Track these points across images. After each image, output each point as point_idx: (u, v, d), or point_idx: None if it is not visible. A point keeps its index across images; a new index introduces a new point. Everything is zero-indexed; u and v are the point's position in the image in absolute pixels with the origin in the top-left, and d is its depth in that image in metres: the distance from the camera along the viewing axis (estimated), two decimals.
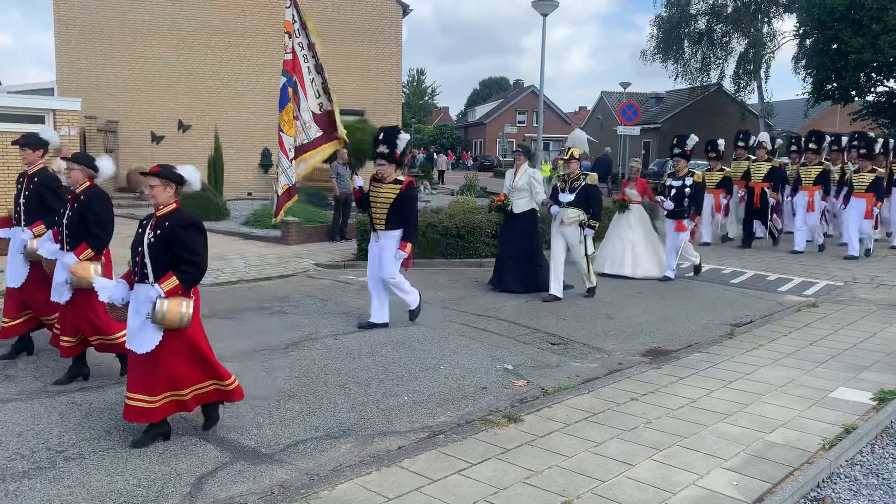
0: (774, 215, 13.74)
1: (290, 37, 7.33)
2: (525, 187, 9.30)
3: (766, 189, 13.39)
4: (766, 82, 37.80)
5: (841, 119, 39.42)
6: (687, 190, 10.37)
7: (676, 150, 10.84)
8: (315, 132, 7.46)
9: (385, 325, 7.51)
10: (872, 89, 31.93)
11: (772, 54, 37.13)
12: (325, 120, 7.58)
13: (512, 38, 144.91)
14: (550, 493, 3.89)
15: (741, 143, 14.58)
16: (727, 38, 38.13)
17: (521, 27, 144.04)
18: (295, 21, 7.47)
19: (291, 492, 3.91)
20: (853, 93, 31.59)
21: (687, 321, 8.20)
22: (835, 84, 31.56)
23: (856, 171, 12.58)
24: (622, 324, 8.02)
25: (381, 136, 7.54)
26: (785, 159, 15.39)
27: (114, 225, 5.59)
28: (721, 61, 38.70)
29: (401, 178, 7.42)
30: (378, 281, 7.48)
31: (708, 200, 13.64)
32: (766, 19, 36.83)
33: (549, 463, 4.26)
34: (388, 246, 7.33)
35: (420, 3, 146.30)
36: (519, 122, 65.75)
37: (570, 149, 9.25)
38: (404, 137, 7.50)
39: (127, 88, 22.34)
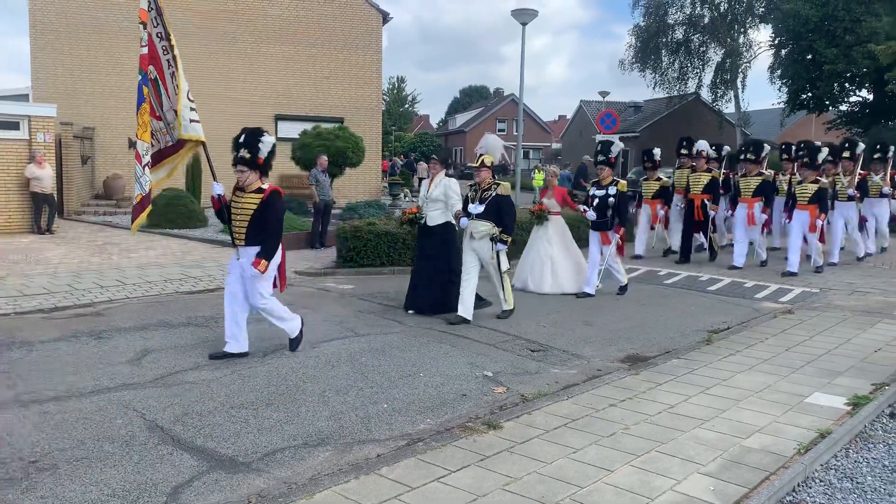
0: (713, 228, 13.11)
1: (144, 27, 6.52)
2: (440, 198, 8.45)
3: (706, 201, 12.67)
4: (742, 92, 38.29)
5: (816, 128, 39.98)
6: (611, 200, 9.60)
7: (600, 157, 9.91)
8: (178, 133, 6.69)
9: (245, 355, 6.54)
10: (846, 99, 32.46)
11: (748, 64, 37.60)
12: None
13: (492, 47, 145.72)
14: (529, 499, 3.89)
15: (684, 151, 13.79)
16: (704, 48, 38.59)
17: (500, 36, 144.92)
18: (151, 8, 6.56)
19: (269, 501, 3.88)
20: (827, 102, 32.09)
21: (665, 328, 8.25)
22: (809, 94, 32.05)
23: (799, 182, 11.78)
24: (601, 330, 8.06)
25: (241, 139, 6.54)
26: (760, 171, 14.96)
27: None
28: (698, 71, 39.16)
29: (264, 186, 6.53)
30: (239, 303, 6.55)
31: (645, 212, 13.47)
32: (742, 30, 37.33)
33: (528, 469, 4.26)
34: (248, 266, 6.40)
35: (400, 10, 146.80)
36: (499, 131, 65.95)
37: (481, 155, 8.41)
38: (268, 141, 6.54)
39: (103, 94, 22.14)
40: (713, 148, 14.03)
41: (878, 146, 14.14)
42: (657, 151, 13.34)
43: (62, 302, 8.67)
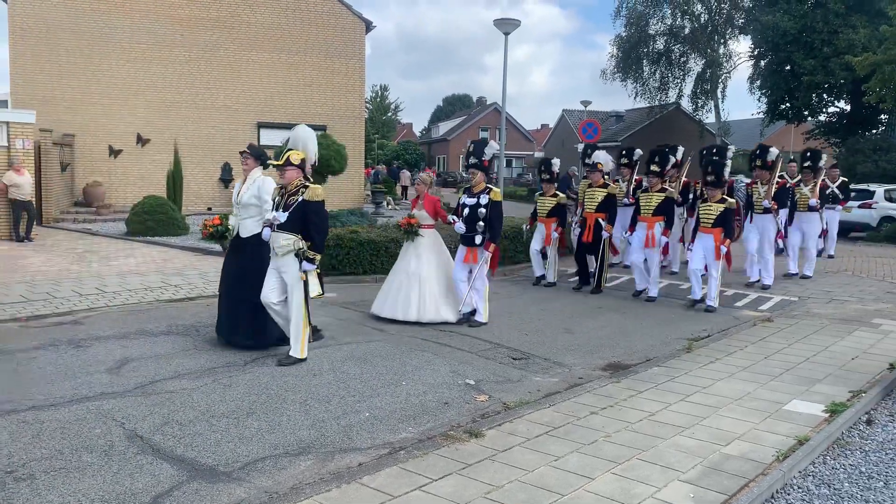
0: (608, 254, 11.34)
1: None
2: (253, 202, 7.03)
3: (601, 220, 10.95)
4: (722, 102, 38.87)
5: (795, 138, 40.49)
6: (482, 210, 8.39)
7: (472, 160, 8.58)
8: None
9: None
10: (824, 109, 32.97)
11: (728, 75, 38.05)
12: None
13: (474, 56, 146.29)
14: None
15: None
16: (685, 59, 38.97)
17: (483, 45, 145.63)
18: None
19: None
20: (806, 113, 32.56)
21: (645, 336, 8.30)
22: (788, 104, 32.52)
23: (703, 201, 10.02)
24: (582, 338, 8.10)
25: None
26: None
27: None
28: (679, 81, 39.53)
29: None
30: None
31: (539, 232, 11.55)
32: (722, 41, 37.77)
33: (509, 477, 4.27)
34: None
35: (383, 19, 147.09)
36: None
37: (287, 151, 6.84)
38: None
39: (83, 101, 21.98)
40: (624, 153, 12.87)
41: (809, 153, 12.97)
42: (556, 162, 11.66)
43: (40, 310, 8.57)
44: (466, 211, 8.54)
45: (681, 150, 12.40)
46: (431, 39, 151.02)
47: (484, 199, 8.46)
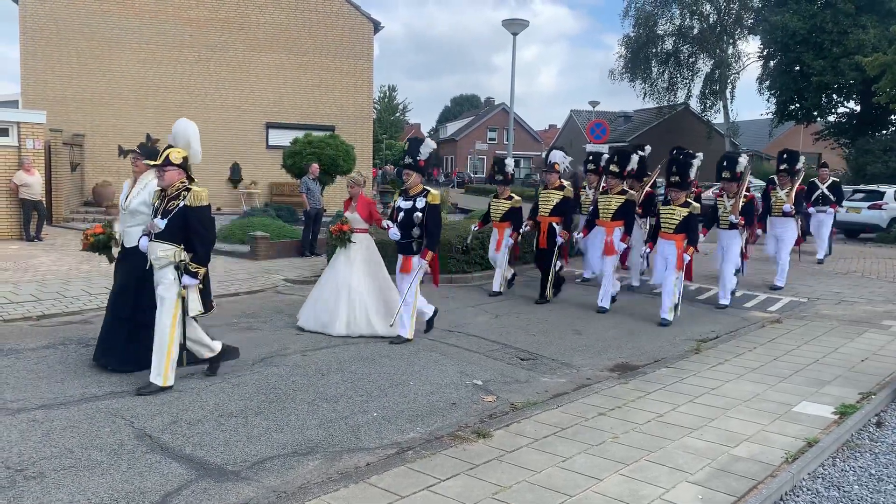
0: (562, 259, 10.25)
1: None
2: (143, 209, 6.18)
3: (555, 224, 9.97)
4: (731, 102, 38.66)
5: (804, 139, 40.33)
6: (418, 215, 7.64)
7: (407, 160, 7.87)
8: None
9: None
10: (833, 110, 32.83)
11: (737, 75, 38.01)
12: None
13: (483, 57, 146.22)
14: None
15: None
16: (693, 59, 38.92)
17: (491, 45, 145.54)
18: None
19: None
20: (815, 113, 32.43)
21: (654, 336, 8.28)
22: (797, 105, 32.39)
23: (665, 204, 9.26)
24: (590, 339, 8.09)
25: None
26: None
27: None
28: (688, 81, 39.50)
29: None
30: None
31: (493, 237, 10.81)
32: (731, 41, 37.69)
33: (517, 478, 4.27)
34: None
35: (391, 20, 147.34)
36: (490, 140, 66.25)
37: (166, 148, 6.01)
38: None
39: (93, 101, 22.10)
40: (590, 158, 11.79)
41: (785, 154, 11.93)
42: (509, 163, 10.87)
43: (50, 309, 8.62)
44: (401, 215, 7.78)
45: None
46: (440, 40, 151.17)
47: (420, 203, 7.67)
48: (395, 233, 7.77)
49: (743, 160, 10.24)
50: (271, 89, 24.62)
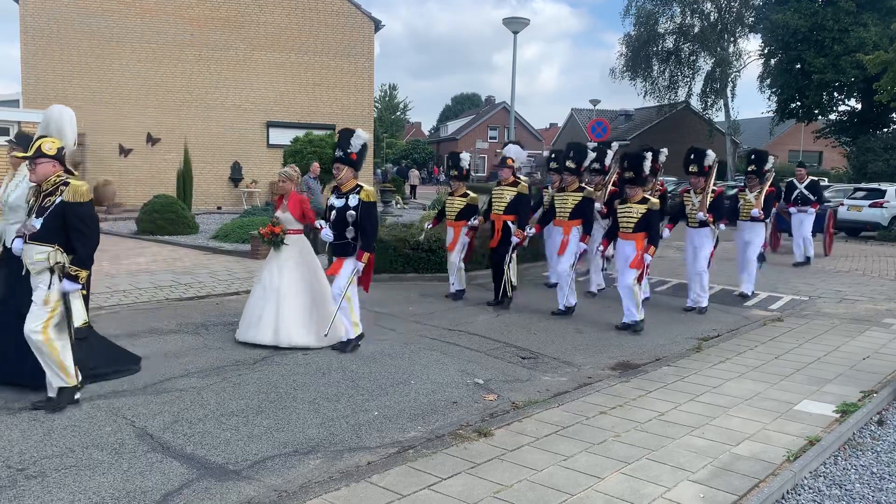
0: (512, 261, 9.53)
1: None
2: (23, 204, 5.58)
3: (510, 223, 9.29)
4: (732, 100, 38.64)
5: (805, 137, 40.31)
6: (351, 213, 7.00)
7: (337, 153, 7.20)
8: None
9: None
10: (834, 108, 32.81)
11: (738, 73, 37.95)
12: None
13: (483, 55, 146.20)
14: None
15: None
16: (694, 57, 38.89)
17: (492, 44, 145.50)
18: None
19: None
20: (816, 111, 32.41)
21: (655, 335, 8.28)
22: (798, 103, 32.39)
23: (622, 202, 8.60)
24: (591, 338, 8.08)
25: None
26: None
27: None
28: (688, 79, 39.47)
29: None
30: None
31: (448, 236, 9.99)
32: (732, 39, 37.66)
33: (518, 477, 4.27)
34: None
35: (392, 18, 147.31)
36: (490, 138, 66.18)
37: (38, 138, 5.34)
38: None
39: (94, 101, 22.12)
40: (553, 156, 10.57)
41: (754, 155, 11.05)
42: (465, 157, 10.01)
43: None
44: (334, 214, 7.14)
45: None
46: (440, 38, 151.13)
47: (354, 201, 7.03)
48: (327, 233, 7.15)
49: (711, 154, 9.72)
50: (272, 88, 24.63)
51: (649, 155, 8.69)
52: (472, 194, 9.96)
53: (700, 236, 9.59)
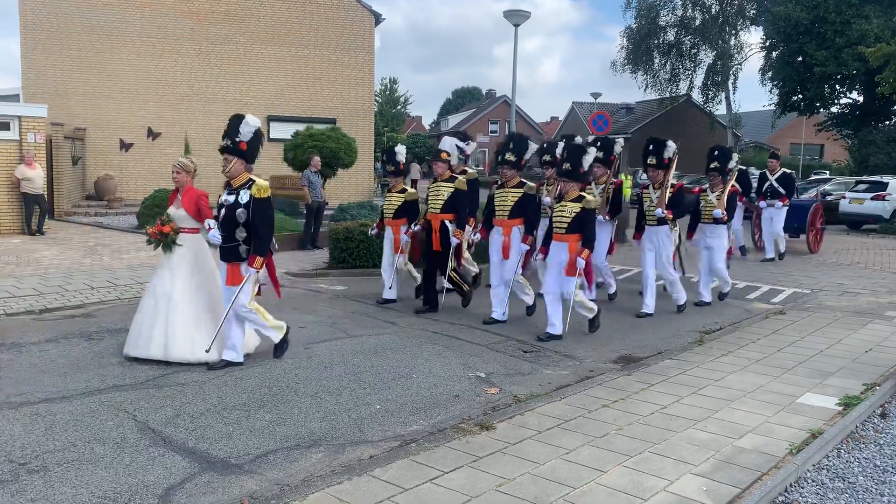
0: (462, 262, 8.98)
1: None
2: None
3: (447, 223, 8.56)
4: (733, 93, 38.59)
5: (807, 130, 40.23)
6: (241, 211, 6.16)
7: (226, 142, 6.30)
8: None
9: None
10: (836, 101, 32.72)
11: (739, 66, 37.88)
12: None
13: (484, 49, 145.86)
14: (523, 500, 3.89)
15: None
16: (696, 50, 38.77)
17: (493, 37, 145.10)
18: None
19: (261, 502, 3.86)
20: (818, 104, 32.32)
21: (657, 328, 8.27)
22: (800, 95, 32.30)
23: (558, 200, 7.84)
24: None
25: None
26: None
27: None
28: (690, 72, 39.37)
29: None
30: None
31: (388, 238, 9.15)
32: (733, 32, 37.56)
33: (521, 470, 4.26)
34: None
35: (392, 12, 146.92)
36: (491, 132, 66.08)
37: None
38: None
39: (95, 95, 22.08)
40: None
41: (717, 151, 9.89)
42: (401, 150, 9.15)
43: (53, 303, 8.62)
44: (223, 212, 6.27)
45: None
46: (441, 32, 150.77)
47: (244, 197, 6.17)
48: (214, 235, 6.26)
49: (672, 145, 8.91)
50: (272, 82, 24.58)
51: (592, 150, 7.82)
52: (410, 190, 9.25)
53: (659, 235, 8.92)
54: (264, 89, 24.43)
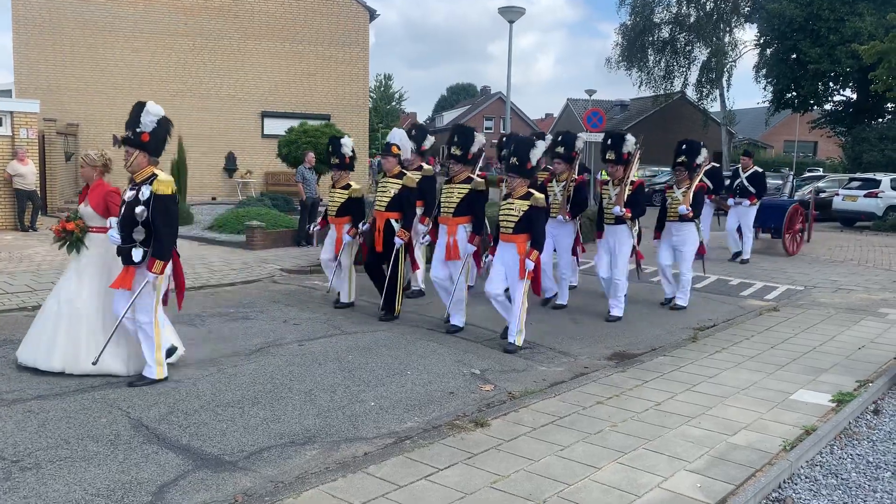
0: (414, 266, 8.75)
1: None
2: None
3: (393, 221, 8.11)
4: (727, 90, 38.60)
5: (801, 127, 40.33)
6: (140, 209, 5.49)
7: (126, 133, 5.66)
8: None
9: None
10: (830, 98, 32.83)
11: (733, 63, 37.88)
12: None
13: (479, 45, 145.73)
14: (517, 497, 3.89)
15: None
16: (690, 47, 38.78)
17: (488, 34, 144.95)
18: None
19: (255, 500, 3.85)
20: (812, 101, 32.41)
21: (651, 325, 8.28)
22: (794, 93, 32.37)
23: (504, 197, 7.26)
24: (588, 328, 8.08)
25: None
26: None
27: None
28: (684, 69, 39.36)
29: None
30: None
31: (330, 237, 8.76)
32: (727, 29, 37.57)
33: (515, 467, 4.27)
34: None
35: (387, 8, 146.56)
36: (486, 129, 66.01)
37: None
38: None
39: (88, 91, 21.99)
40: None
41: (684, 145, 9.32)
42: (347, 143, 8.72)
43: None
44: (123, 210, 5.65)
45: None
46: (436, 28, 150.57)
47: (145, 193, 5.54)
48: (113, 235, 5.62)
49: (631, 139, 8.40)
50: (266, 78, 24.51)
51: (540, 144, 7.31)
52: (354, 185, 8.72)
53: (616, 234, 8.40)
54: (258, 85, 24.36)
